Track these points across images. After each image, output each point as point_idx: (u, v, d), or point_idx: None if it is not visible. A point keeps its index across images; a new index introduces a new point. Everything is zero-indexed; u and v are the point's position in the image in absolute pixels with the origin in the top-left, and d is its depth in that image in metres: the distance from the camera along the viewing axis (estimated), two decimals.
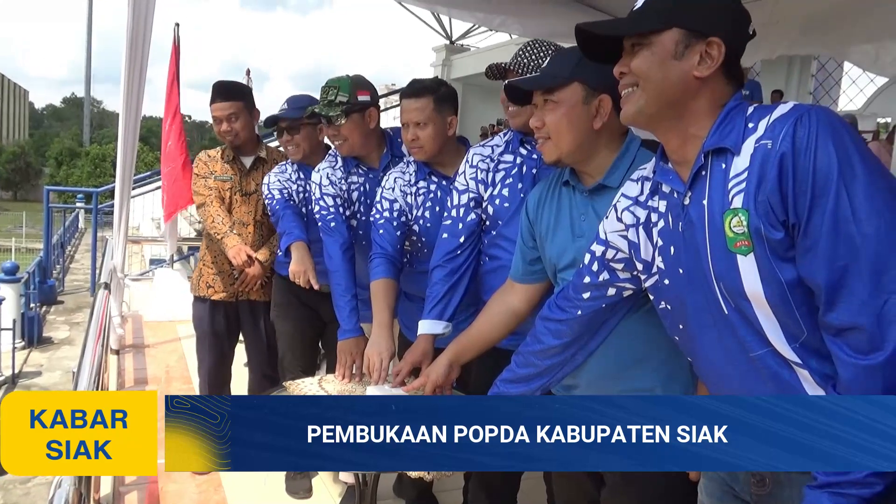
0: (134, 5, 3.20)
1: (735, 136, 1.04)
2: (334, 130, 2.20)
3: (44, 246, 9.17)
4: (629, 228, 1.25)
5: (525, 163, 1.88)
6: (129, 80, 3.46)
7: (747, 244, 1.01)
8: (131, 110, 3.61)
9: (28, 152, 49.04)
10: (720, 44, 1.06)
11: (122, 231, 3.99)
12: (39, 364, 6.60)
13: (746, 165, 1.01)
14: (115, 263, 4.05)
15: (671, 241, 1.15)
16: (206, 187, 2.76)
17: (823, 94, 11.97)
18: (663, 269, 1.18)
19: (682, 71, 1.08)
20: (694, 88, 1.08)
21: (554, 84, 1.42)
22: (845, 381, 0.96)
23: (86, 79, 41.81)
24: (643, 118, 1.14)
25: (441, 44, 12.75)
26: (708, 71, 1.07)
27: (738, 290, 1.03)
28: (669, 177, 1.15)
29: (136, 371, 4.18)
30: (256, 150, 2.80)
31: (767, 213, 0.98)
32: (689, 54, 1.07)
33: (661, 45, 1.09)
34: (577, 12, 3.99)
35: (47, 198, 9.20)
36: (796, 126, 0.96)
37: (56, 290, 8.94)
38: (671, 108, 1.10)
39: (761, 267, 1.00)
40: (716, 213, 1.04)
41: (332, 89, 2.18)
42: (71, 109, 75.11)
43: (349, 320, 2.11)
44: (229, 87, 2.74)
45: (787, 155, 0.96)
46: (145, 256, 9.37)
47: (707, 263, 1.07)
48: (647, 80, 1.10)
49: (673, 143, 1.13)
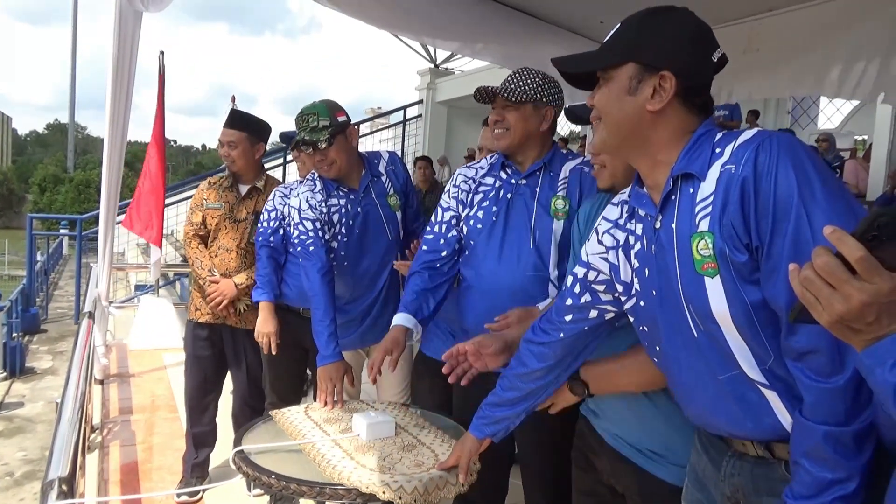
0: (119, 33, 3.21)
1: (701, 161, 1.06)
2: (321, 156, 2.23)
3: (27, 273, 9.06)
4: (609, 251, 1.27)
5: (503, 187, 1.93)
6: (115, 106, 3.46)
7: (713, 266, 1.03)
8: (116, 137, 3.61)
9: (11, 179, 48.61)
10: (671, 77, 1.09)
11: (106, 258, 3.95)
12: (22, 395, 6.48)
13: (712, 190, 1.03)
14: (99, 291, 4.01)
15: (646, 262, 1.17)
16: (190, 223, 2.91)
17: (801, 113, 12.18)
18: (639, 290, 1.20)
19: (636, 105, 1.11)
20: (648, 121, 1.12)
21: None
22: (809, 404, 0.97)
23: (70, 104, 41.66)
24: (608, 148, 1.20)
25: (426, 67, 12.87)
26: (660, 104, 1.10)
27: (706, 311, 1.05)
28: (643, 201, 1.18)
29: (120, 401, 4.12)
30: (254, 180, 2.88)
31: (731, 237, 1.00)
32: (643, 88, 1.10)
33: (617, 80, 1.13)
34: (554, 35, 4.05)
35: (30, 225, 9.12)
36: (758, 151, 0.99)
37: (39, 319, 8.82)
38: (631, 139, 1.14)
39: (727, 289, 1.02)
40: (684, 235, 1.07)
41: (311, 116, 2.21)
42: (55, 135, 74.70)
43: (328, 346, 2.12)
44: (238, 116, 2.86)
45: (749, 179, 0.98)
46: (130, 282, 9.28)
47: (677, 285, 1.09)
48: (606, 114, 1.15)
49: (644, 169, 1.16)
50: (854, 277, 0.73)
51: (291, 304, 2.65)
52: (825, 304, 0.76)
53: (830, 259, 0.74)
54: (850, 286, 0.73)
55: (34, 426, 5.80)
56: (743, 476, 1.13)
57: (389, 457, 1.66)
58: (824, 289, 0.75)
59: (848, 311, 0.74)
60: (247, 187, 2.87)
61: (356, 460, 1.63)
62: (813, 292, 0.76)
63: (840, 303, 0.74)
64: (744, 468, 1.13)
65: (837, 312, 0.75)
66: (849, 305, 0.74)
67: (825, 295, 0.75)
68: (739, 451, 1.14)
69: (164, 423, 3.79)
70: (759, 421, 1.07)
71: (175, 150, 76.51)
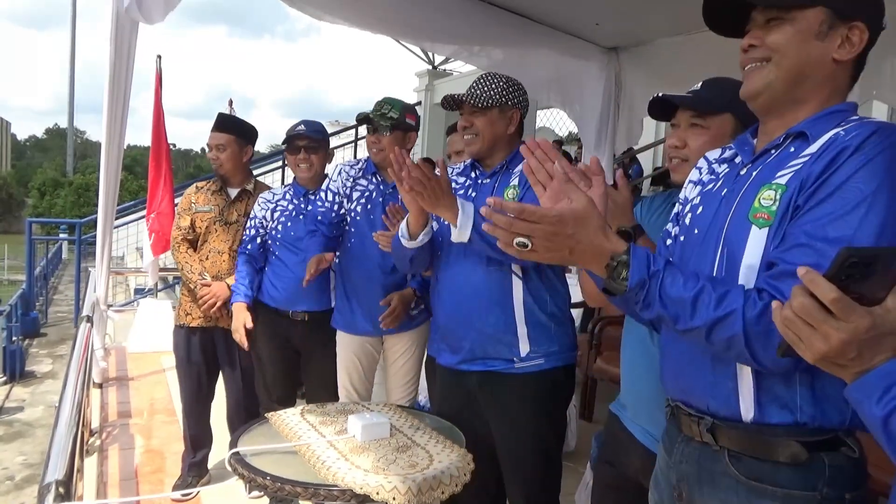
0: (116, 36, 3.22)
1: (820, 128, 1.04)
2: (376, 138, 2.42)
3: (26, 278, 9.07)
4: (689, 184, 1.28)
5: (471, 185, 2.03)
6: (112, 111, 3.47)
7: (767, 217, 1.02)
8: (113, 143, 3.61)
9: (10, 183, 48.60)
10: (863, 29, 1.04)
11: (104, 262, 3.96)
12: (22, 399, 6.50)
13: (814, 151, 1.02)
14: (97, 296, 4.01)
15: (706, 201, 1.17)
16: (178, 227, 2.95)
17: None
18: (686, 225, 1.20)
19: (822, 51, 1.05)
20: (829, 71, 1.06)
21: (710, 110, 1.44)
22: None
23: (69, 109, 41.70)
24: (768, 95, 1.09)
25: (424, 69, 12.89)
26: (848, 56, 1.05)
27: (737, 259, 1.05)
28: (745, 147, 1.17)
29: (119, 405, 4.13)
30: (243, 183, 2.92)
31: (800, 189, 0.99)
32: (832, 35, 1.04)
33: (805, 21, 1.05)
34: (550, 38, 4.06)
35: (29, 229, 9.12)
36: (875, 131, 0.98)
37: (39, 323, 8.85)
38: (800, 87, 1.07)
39: (768, 245, 1.02)
40: (758, 183, 1.06)
41: (386, 105, 2.42)
42: (54, 140, 74.70)
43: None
44: (226, 120, 2.93)
45: (849, 149, 0.97)
46: (130, 286, 9.29)
47: (724, 228, 1.09)
48: (785, 55, 1.06)
49: (778, 122, 1.11)
50: (831, 317, 0.74)
51: (280, 306, 2.67)
52: (807, 344, 0.77)
53: (806, 300, 0.76)
54: (828, 326, 0.75)
55: (34, 430, 5.81)
56: (689, 464, 1.15)
57: (384, 458, 1.67)
58: (804, 329, 0.77)
59: (829, 350, 0.76)
60: (236, 190, 2.91)
61: (351, 461, 1.64)
62: (794, 332, 0.78)
63: (820, 342, 0.76)
64: (691, 455, 1.15)
65: (820, 351, 0.77)
66: (829, 345, 0.75)
67: (806, 335, 0.77)
68: (687, 434, 1.16)
69: (162, 426, 3.81)
70: (719, 385, 1.08)
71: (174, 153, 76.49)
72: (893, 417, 0.74)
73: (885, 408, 0.75)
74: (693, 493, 1.13)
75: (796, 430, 1.03)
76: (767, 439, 1.05)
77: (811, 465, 1.03)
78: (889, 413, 0.74)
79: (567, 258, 1.06)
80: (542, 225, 1.00)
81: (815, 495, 1.02)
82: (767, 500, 1.04)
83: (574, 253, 1.03)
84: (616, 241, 1.05)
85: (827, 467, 1.03)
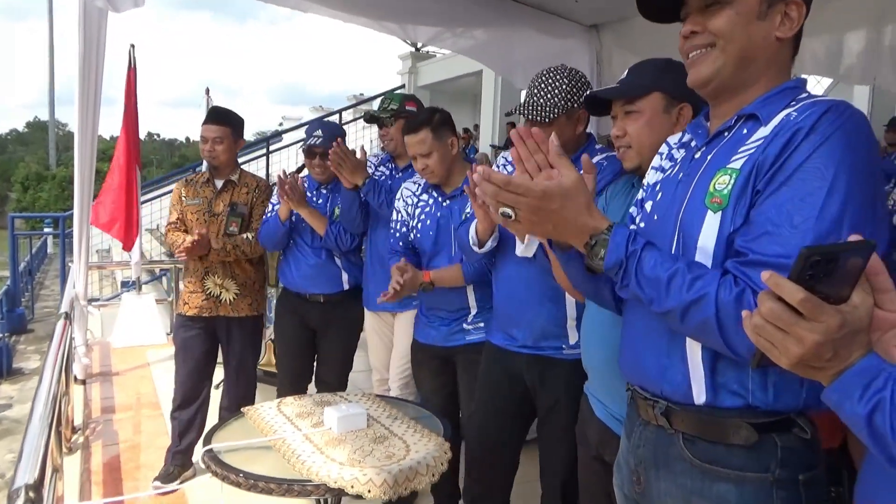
0: (84, 25, 3.15)
1: (772, 108, 1.03)
2: (384, 131, 2.73)
3: (10, 274, 8.96)
4: (651, 170, 1.27)
5: None
6: (84, 101, 3.40)
7: (720, 202, 1.01)
8: (87, 135, 3.54)
9: None
10: (800, 3, 1.04)
11: (82, 257, 3.89)
12: (9, 396, 6.44)
13: (766, 134, 1.01)
14: (76, 291, 3.95)
15: (665, 187, 1.17)
16: (169, 222, 3.03)
17: None
18: (647, 211, 1.19)
19: (765, 31, 1.04)
20: (774, 51, 1.06)
21: (635, 94, 1.44)
22: None
23: (49, 101, 41.01)
24: (718, 82, 1.08)
25: (407, 51, 12.76)
26: (790, 32, 1.05)
27: (693, 244, 1.04)
28: (699, 131, 1.16)
29: (103, 400, 4.09)
30: (230, 174, 2.98)
31: (754, 174, 0.98)
32: (772, 14, 1.04)
33: (745, 3, 1.04)
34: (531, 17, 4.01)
35: (12, 225, 9.00)
36: (828, 111, 0.96)
37: (26, 319, 8.76)
38: (748, 70, 1.06)
39: (722, 229, 1.01)
40: (712, 168, 1.06)
41: (386, 100, 2.74)
42: (35, 133, 73.53)
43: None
44: (221, 112, 3.01)
45: (802, 130, 0.96)
46: (117, 279, 9.22)
47: (679, 212, 1.08)
48: (731, 40, 1.05)
49: (728, 105, 1.11)
50: (802, 318, 0.73)
51: (298, 289, 2.89)
52: (781, 349, 0.75)
53: (775, 305, 0.74)
54: (800, 328, 0.73)
55: (23, 428, 5.76)
56: (646, 448, 1.15)
57: (360, 449, 1.65)
58: (776, 334, 0.75)
59: (805, 352, 0.74)
60: (221, 181, 2.96)
61: (326, 454, 1.62)
62: (766, 338, 0.76)
63: (795, 345, 0.74)
64: (648, 439, 1.15)
65: (795, 355, 0.74)
66: (804, 347, 0.73)
67: (779, 340, 0.75)
68: (644, 418, 1.16)
69: (147, 420, 3.78)
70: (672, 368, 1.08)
71: (159, 143, 75.58)
72: (877, 414, 0.72)
73: (867, 405, 0.73)
74: (650, 476, 1.13)
75: (748, 413, 1.03)
76: (720, 421, 1.04)
77: (762, 446, 1.02)
78: (872, 409, 0.72)
79: (551, 232, 1.08)
80: (527, 198, 1.01)
81: (768, 477, 1.02)
82: (722, 483, 1.04)
83: (557, 228, 1.05)
84: (600, 219, 1.05)
85: (779, 449, 1.02)
